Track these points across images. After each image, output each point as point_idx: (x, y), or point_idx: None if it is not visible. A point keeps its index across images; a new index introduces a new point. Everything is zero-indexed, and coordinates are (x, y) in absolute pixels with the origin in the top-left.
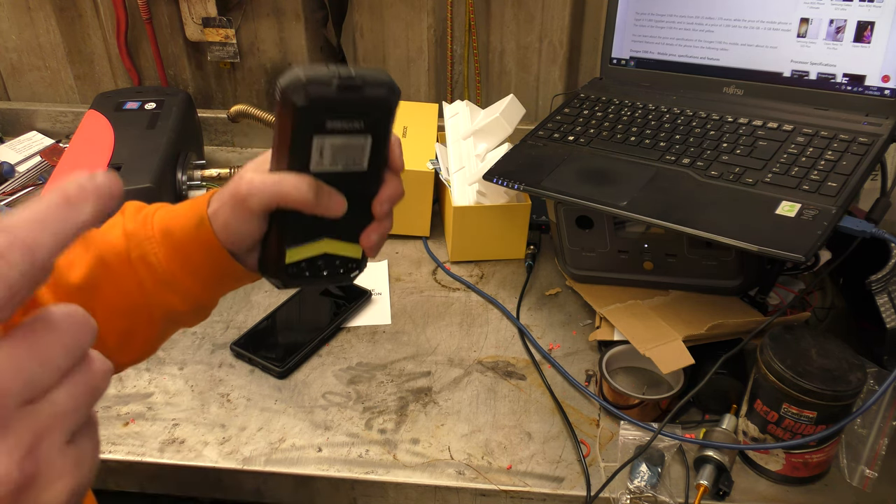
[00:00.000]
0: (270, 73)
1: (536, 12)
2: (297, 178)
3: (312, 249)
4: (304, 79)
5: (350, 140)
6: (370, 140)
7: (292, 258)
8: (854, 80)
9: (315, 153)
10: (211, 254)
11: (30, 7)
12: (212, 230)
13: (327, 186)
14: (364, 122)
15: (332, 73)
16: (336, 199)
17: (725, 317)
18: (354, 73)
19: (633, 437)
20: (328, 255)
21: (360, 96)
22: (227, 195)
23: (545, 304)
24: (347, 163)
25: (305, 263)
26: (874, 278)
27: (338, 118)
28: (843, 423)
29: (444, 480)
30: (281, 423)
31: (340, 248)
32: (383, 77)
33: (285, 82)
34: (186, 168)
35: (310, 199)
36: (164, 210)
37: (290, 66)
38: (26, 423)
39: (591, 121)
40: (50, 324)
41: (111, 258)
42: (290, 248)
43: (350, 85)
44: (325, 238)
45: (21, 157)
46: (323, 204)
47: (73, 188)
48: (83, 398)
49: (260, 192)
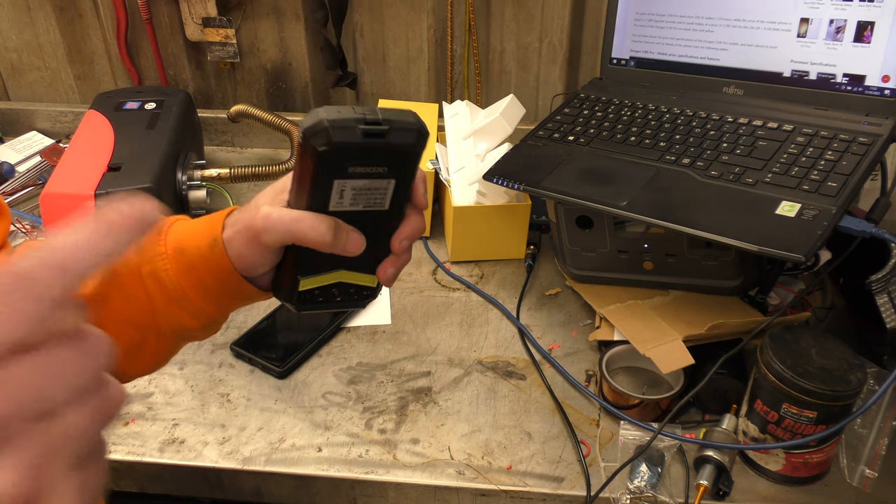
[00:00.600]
0: (270, 73)
1: (536, 12)
2: (315, 218)
3: (327, 279)
4: (327, 123)
5: (373, 183)
6: (394, 183)
7: (306, 286)
8: (854, 80)
9: (335, 194)
10: (223, 275)
11: (30, 7)
12: (225, 252)
13: (346, 226)
14: (388, 167)
15: (358, 116)
16: (354, 240)
17: (725, 317)
18: (381, 116)
19: (633, 437)
20: (343, 283)
21: (386, 143)
22: (243, 225)
23: (545, 304)
24: (368, 203)
25: (319, 290)
26: (874, 278)
27: (361, 164)
28: (843, 423)
29: (444, 480)
30: (281, 423)
31: (356, 278)
32: (411, 121)
33: (308, 124)
34: (186, 168)
35: (327, 241)
36: (179, 225)
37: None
38: (35, 440)
39: (591, 121)
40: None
41: (122, 271)
42: (305, 277)
43: (375, 132)
44: (340, 270)
45: (21, 157)
46: (340, 244)
47: (115, 216)
48: (95, 421)
49: (276, 229)
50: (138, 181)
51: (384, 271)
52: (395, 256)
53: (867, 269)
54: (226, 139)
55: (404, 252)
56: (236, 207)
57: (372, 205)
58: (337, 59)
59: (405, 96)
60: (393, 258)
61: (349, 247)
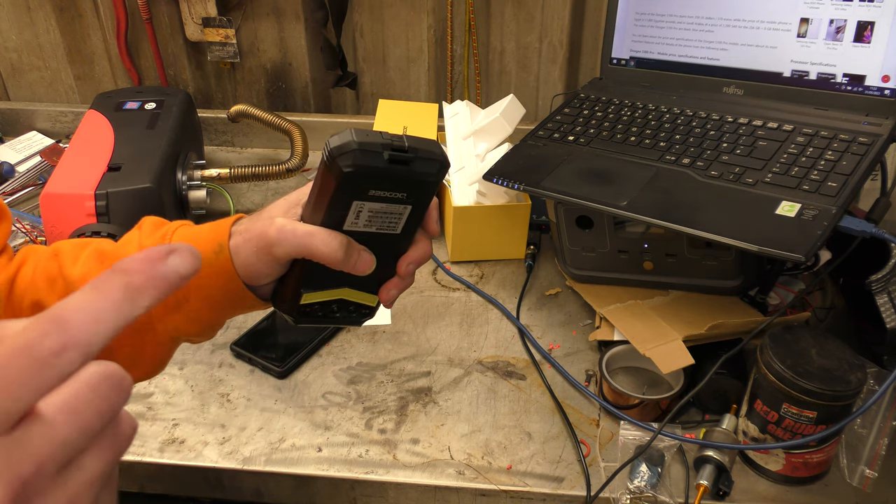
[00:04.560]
0: (270, 73)
1: (536, 12)
2: (329, 235)
3: (330, 295)
4: (355, 145)
5: (390, 207)
6: (410, 209)
7: (308, 300)
8: (854, 80)
9: (352, 214)
10: (226, 282)
11: (30, 7)
12: (230, 259)
13: (358, 246)
14: (407, 193)
15: (385, 142)
16: (365, 260)
17: (725, 317)
18: (407, 144)
19: (633, 437)
20: (344, 301)
21: (409, 171)
22: (255, 234)
23: (545, 304)
24: (382, 226)
25: (320, 305)
26: (874, 278)
27: (382, 188)
28: (843, 423)
29: (444, 480)
30: (281, 423)
31: (358, 297)
32: (435, 152)
33: (336, 144)
34: (186, 168)
35: (339, 258)
36: (184, 230)
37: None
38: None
39: (591, 121)
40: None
41: None
42: (308, 291)
43: (400, 159)
44: (344, 287)
45: (21, 157)
46: (351, 263)
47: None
48: (110, 461)
49: (289, 241)
50: (138, 181)
51: (387, 292)
52: (400, 279)
53: (867, 269)
54: (226, 139)
55: (409, 276)
56: (242, 215)
57: (385, 228)
58: (337, 59)
59: (405, 96)
60: (397, 280)
61: (359, 266)
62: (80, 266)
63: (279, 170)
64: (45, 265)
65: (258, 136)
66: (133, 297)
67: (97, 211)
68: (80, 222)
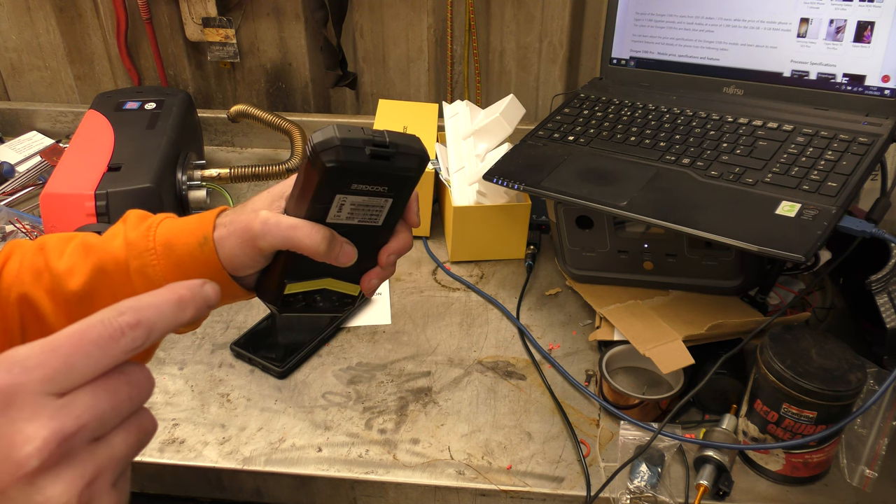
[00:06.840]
0: (270, 73)
1: (536, 12)
2: (313, 228)
3: (313, 285)
4: (338, 141)
5: (371, 200)
6: (391, 202)
7: (291, 290)
8: (854, 80)
9: (335, 208)
10: (211, 273)
11: (30, 7)
12: (215, 251)
13: (340, 238)
14: (388, 187)
15: (367, 137)
16: (347, 252)
17: (725, 317)
18: (388, 140)
19: (633, 437)
20: (326, 291)
21: (390, 165)
22: (240, 226)
23: (545, 304)
24: (364, 218)
25: (303, 295)
26: (874, 278)
27: (364, 182)
28: (843, 423)
29: (444, 480)
30: (281, 423)
31: (340, 286)
32: (415, 147)
33: (319, 140)
34: (186, 168)
35: (322, 250)
36: (169, 222)
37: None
38: (91, 459)
39: (591, 121)
40: (125, 376)
41: (110, 267)
42: (291, 282)
43: (382, 154)
44: (327, 277)
45: (21, 157)
46: (334, 255)
47: (186, 292)
48: (134, 446)
49: (273, 234)
50: (138, 181)
51: (368, 282)
52: (381, 269)
53: (867, 269)
54: (226, 139)
55: (390, 266)
56: (226, 208)
57: (367, 220)
58: (337, 59)
59: (405, 96)
60: (378, 270)
61: (341, 258)
62: (65, 259)
63: (279, 170)
64: (31, 259)
65: (258, 136)
66: (184, 307)
67: (97, 211)
68: (80, 222)
